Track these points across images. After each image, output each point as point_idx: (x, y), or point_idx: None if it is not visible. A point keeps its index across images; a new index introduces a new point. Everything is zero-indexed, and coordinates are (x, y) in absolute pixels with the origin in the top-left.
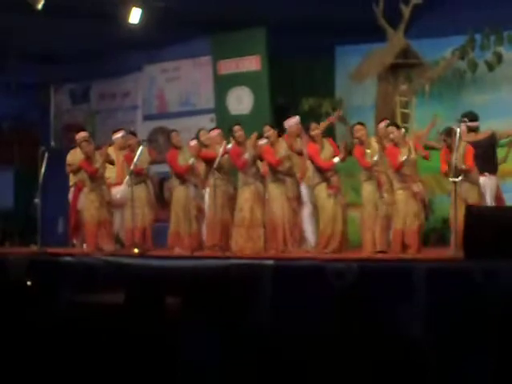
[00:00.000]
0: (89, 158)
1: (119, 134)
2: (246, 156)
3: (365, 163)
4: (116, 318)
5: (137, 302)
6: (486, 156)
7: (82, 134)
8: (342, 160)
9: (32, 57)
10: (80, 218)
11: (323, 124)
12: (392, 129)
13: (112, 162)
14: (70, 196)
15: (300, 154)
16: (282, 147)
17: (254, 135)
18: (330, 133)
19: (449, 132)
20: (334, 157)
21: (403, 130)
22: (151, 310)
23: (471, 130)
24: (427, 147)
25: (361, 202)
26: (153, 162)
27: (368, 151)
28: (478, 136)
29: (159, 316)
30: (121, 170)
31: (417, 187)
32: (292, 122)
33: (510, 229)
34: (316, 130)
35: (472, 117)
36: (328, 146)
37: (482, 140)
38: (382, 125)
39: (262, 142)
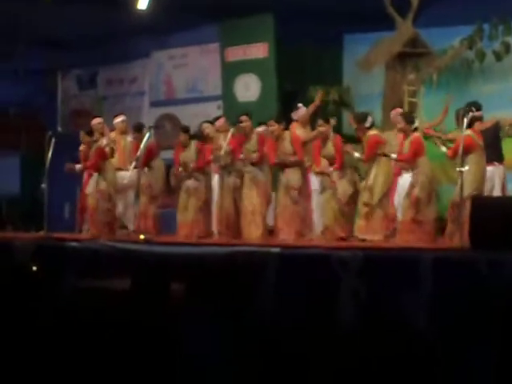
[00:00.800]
0: (87, 151)
1: (119, 119)
2: (241, 157)
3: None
4: (121, 304)
5: (142, 288)
6: (492, 145)
7: (97, 120)
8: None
9: (39, 43)
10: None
11: (310, 109)
12: (399, 119)
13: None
14: (84, 180)
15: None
16: (287, 141)
17: (258, 135)
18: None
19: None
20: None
21: (416, 123)
22: (156, 297)
23: (476, 119)
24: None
25: None
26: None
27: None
28: (483, 125)
29: (164, 302)
30: (123, 155)
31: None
32: (301, 113)
33: None
34: (322, 126)
35: (477, 106)
36: (330, 147)
37: (487, 129)
38: (394, 113)
39: (260, 129)
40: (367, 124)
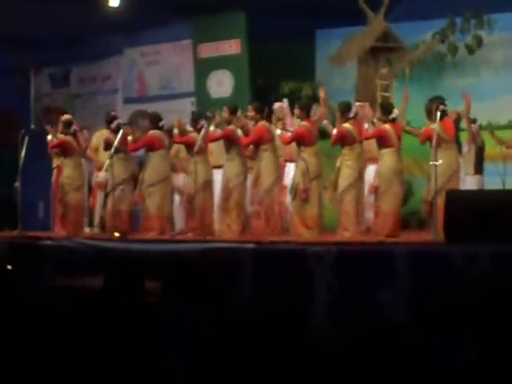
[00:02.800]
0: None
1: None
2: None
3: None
4: (96, 302)
5: (116, 285)
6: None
7: (65, 117)
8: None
9: (11, 41)
10: None
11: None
12: (377, 108)
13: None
14: (54, 179)
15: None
16: None
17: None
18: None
19: (429, 108)
20: None
21: (394, 114)
22: (131, 294)
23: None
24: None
25: None
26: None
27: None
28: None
29: (139, 300)
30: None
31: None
32: (277, 106)
33: (490, 212)
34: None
35: (442, 100)
36: None
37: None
38: (360, 105)
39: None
40: (350, 114)
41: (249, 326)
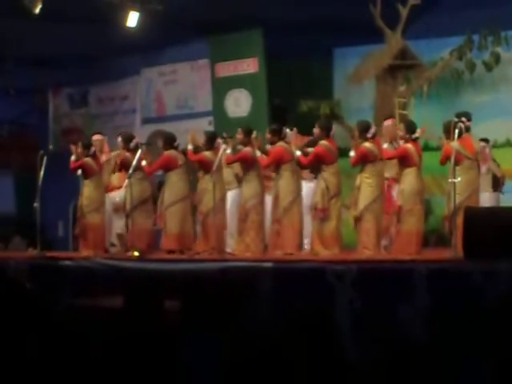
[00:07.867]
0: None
1: (96, 138)
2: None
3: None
4: (115, 322)
5: (136, 305)
6: None
7: (96, 137)
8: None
9: (30, 61)
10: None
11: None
12: (401, 127)
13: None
14: None
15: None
16: None
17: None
18: None
19: (447, 127)
20: None
21: (417, 133)
22: (150, 314)
23: (467, 129)
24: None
25: None
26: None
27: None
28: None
29: (158, 319)
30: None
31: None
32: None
33: (508, 229)
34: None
35: (468, 116)
36: None
37: None
38: (387, 123)
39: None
40: (369, 134)
41: (269, 345)
